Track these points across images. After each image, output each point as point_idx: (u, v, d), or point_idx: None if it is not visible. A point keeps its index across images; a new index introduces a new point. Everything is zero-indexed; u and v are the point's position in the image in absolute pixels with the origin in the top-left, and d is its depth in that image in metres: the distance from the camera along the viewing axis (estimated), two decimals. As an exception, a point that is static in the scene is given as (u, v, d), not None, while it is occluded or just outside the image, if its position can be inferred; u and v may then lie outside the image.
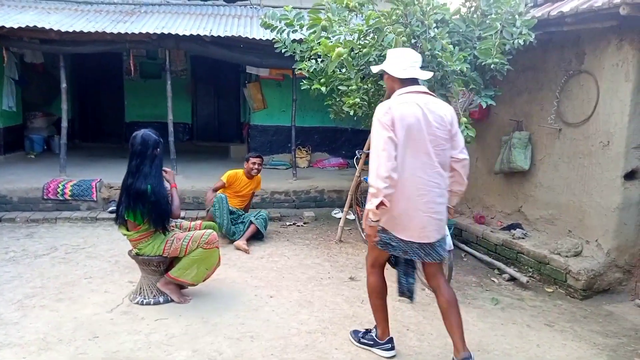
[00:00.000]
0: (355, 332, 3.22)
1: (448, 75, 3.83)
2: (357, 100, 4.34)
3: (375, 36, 4.35)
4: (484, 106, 4.02)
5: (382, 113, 2.66)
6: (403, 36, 3.70)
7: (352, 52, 4.37)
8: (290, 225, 6.25)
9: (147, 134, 3.55)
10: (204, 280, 3.75)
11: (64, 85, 6.77)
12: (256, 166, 5.59)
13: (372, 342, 3.07)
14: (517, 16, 3.89)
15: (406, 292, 3.08)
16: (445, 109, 2.81)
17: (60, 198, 6.36)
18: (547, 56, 4.80)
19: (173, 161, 6.99)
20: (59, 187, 6.39)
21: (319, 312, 3.63)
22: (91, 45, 6.64)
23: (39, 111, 9.50)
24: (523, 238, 4.85)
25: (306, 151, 8.76)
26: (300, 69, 5.41)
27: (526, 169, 4.95)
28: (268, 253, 5.03)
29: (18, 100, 8.53)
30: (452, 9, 4.12)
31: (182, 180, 6.68)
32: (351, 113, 4.71)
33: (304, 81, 5.67)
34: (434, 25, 3.75)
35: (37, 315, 3.43)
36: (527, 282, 4.33)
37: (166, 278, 3.66)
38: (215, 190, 5.50)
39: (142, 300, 3.64)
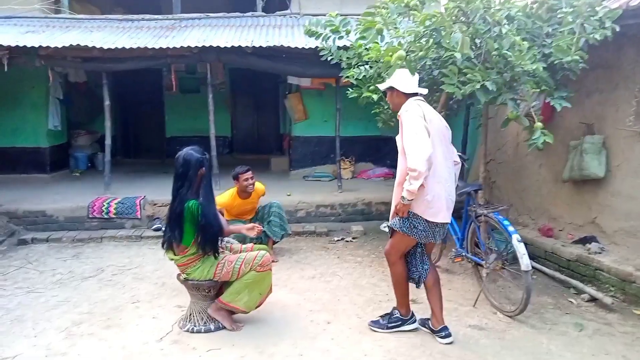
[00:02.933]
0: (375, 322, 3.46)
1: (519, 76, 3.46)
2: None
3: (431, 39, 4.04)
4: (559, 109, 3.63)
5: (413, 107, 3.09)
6: (467, 35, 3.37)
7: (407, 56, 4.06)
8: (339, 240, 5.95)
9: (189, 154, 3.30)
10: (256, 307, 3.49)
11: (107, 102, 6.75)
12: (250, 181, 4.88)
13: (399, 322, 3.39)
14: (597, 8, 3.50)
15: (418, 278, 3.34)
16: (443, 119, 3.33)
17: (105, 216, 6.29)
18: (622, 52, 4.36)
19: (216, 176, 6.83)
20: (104, 205, 6.32)
21: (382, 341, 3.31)
22: (133, 61, 6.59)
23: (82, 129, 9.61)
24: (600, 253, 4.39)
25: (349, 162, 8.47)
26: (347, 77, 5.15)
27: (601, 176, 4.49)
28: (319, 272, 4.74)
29: (63, 119, 8.63)
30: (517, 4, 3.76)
31: (226, 196, 6.50)
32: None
33: (350, 89, 5.41)
34: (504, 22, 3.40)
35: (85, 345, 3.25)
36: (612, 303, 3.88)
37: (217, 304, 3.43)
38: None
39: (193, 328, 3.41)
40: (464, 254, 4.12)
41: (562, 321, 3.66)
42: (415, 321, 3.42)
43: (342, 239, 6.00)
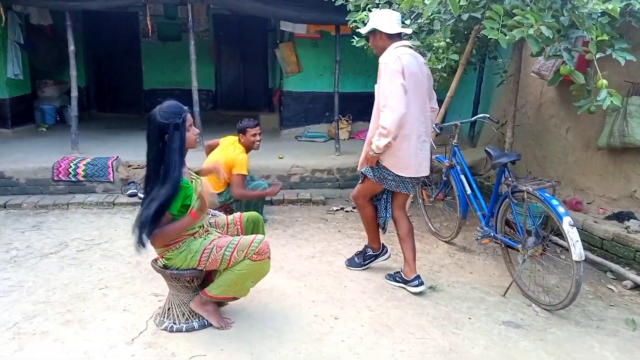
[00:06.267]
0: (351, 261, 3.74)
1: (582, 20, 2.75)
2: (444, 64, 3.39)
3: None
4: (622, 63, 2.96)
5: (393, 60, 2.99)
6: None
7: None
8: (338, 210, 5.32)
9: (153, 113, 2.57)
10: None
11: (72, 47, 5.83)
12: (258, 137, 4.40)
13: (373, 257, 3.70)
14: None
15: (383, 223, 3.54)
16: (425, 62, 3.29)
17: (73, 179, 5.53)
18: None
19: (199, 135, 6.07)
20: (71, 166, 5.55)
21: (403, 343, 2.74)
22: (101, 0, 5.65)
23: (49, 79, 8.64)
24: (641, 232, 3.85)
25: (346, 121, 7.74)
26: (354, 22, 4.38)
27: (648, 145, 3.90)
28: (319, 250, 4.13)
29: (25, 67, 7.65)
30: None
31: (210, 157, 5.77)
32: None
33: (356, 37, 4.65)
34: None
35: (35, 348, 2.61)
36: (662, 293, 3.36)
37: (202, 297, 2.80)
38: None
39: (172, 326, 2.79)
40: (492, 234, 3.53)
41: (609, 316, 3.13)
42: (387, 252, 3.69)
43: (342, 208, 5.37)
